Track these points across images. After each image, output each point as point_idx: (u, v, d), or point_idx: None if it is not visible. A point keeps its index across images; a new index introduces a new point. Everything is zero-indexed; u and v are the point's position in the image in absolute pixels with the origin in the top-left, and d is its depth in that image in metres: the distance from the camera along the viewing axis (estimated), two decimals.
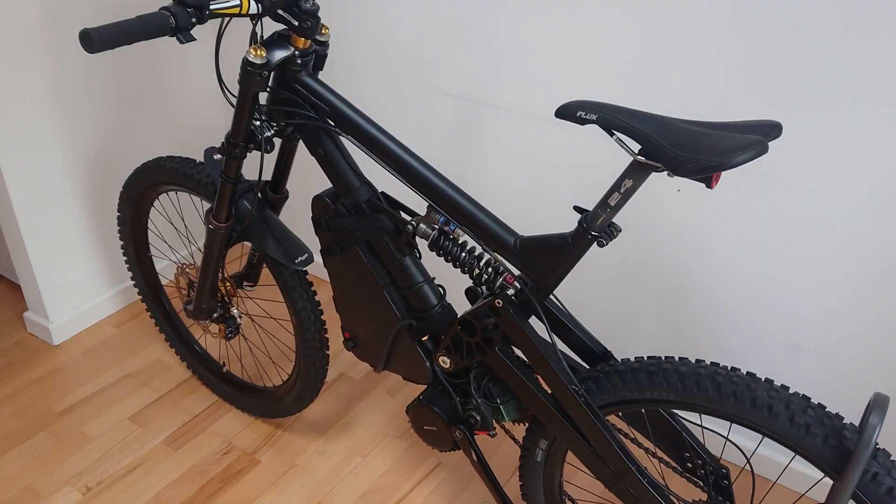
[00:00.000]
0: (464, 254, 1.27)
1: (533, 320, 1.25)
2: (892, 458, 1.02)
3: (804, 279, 1.52)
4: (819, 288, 1.51)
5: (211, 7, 1.12)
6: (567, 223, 1.75)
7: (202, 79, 2.24)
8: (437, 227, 1.27)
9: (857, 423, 1.10)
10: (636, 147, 1.00)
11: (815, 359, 1.59)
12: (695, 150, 0.92)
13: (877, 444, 1.00)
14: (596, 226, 1.10)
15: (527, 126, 1.74)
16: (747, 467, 1.75)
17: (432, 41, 1.79)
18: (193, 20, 1.10)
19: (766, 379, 1.08)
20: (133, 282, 1.97)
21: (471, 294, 1.35)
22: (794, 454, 1.28)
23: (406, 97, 1.91)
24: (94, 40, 0.98)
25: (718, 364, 1.11)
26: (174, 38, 1.09)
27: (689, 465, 1.27)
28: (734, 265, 1.60)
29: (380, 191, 1.36)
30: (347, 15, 1.91)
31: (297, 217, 2.31)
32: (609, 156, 1.64)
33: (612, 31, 1.52)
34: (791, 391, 1.07)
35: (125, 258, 1.93)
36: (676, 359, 1.15)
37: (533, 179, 1.80)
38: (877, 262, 1.43)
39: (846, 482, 0.98)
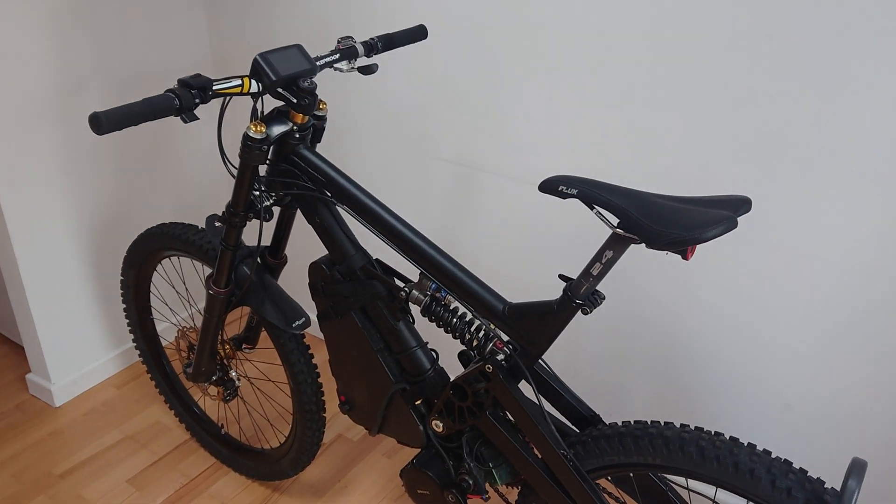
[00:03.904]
0: (455, 319, 1.31)
1: (523, 385, 1.28)
2: None
3: (793, 340, 1.55)
4: (808, 348, 1.54)
5: (214, 88, 1.19)
6: (556, 290, 1.79)
7: (205, 148, 2.32)
8: (429, 293, 1.31)
9: (838, 487, 1.12)
10: (615, 220, 1.05)
11: (804, 419, 1.61)
12: (669, 224, 0.97)
13: None
14: (580, 294, 1.14)
15: (519, 193, 1.79)
16: None
17: (431, 110, 1.86)
18: (197, 101, 1.15)
19: (749, 444, 1.10)
20: (134, 343, 2.00)
21: (464, 357, 1.38)
22: None
23: (404, 163, 1.98)
24: (103, 123, 1.04)
25: (703, 429, 1.14)
26: (178, 117, 1.15)
27: None
28: (723, 328, 1.63)
29: (374, 258, 1.41)
30: (348, 85, 1.99)
31: (295, 281, 2.35)
32: (596, 224, 1.69)
33: (600, 104, 1.58)
34: (773, 455, 1.09)
35: (127, 320, 1.96)
36: (662, 423, 1.17)
37: (524, 245, 1.84)
38: (860, 322, 1.46)
39: None
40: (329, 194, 1.36)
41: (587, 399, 1.90)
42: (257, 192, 1.41)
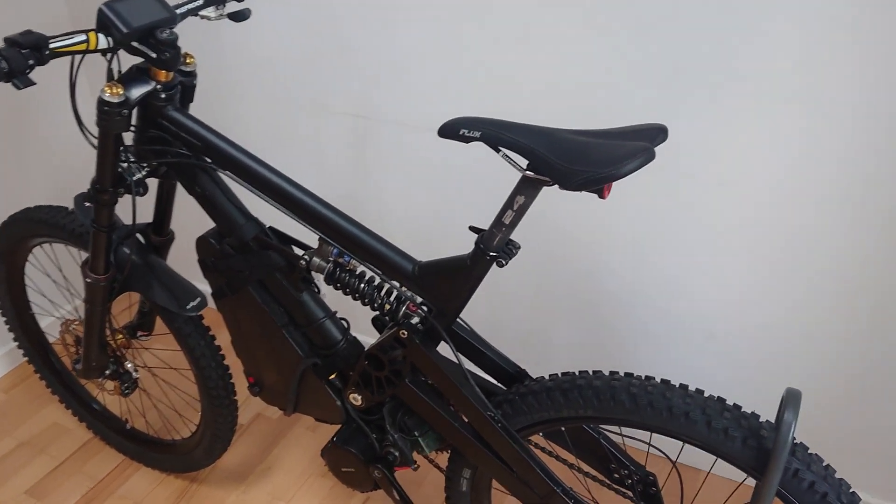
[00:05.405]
0: (363, 285, 1.20)
1: (443, 348, 1.20)
2: (810, 452, 1.01)
3: (713, 269, 1.52)
4: (729, 277, 1.52)
5: (51, 46, 1.02)
6: (469, 243, 1.71)
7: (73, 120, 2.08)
8: (331, 259, 1.20)
9: (772, 419, 1.09)
10: (524, 162, 0.95)
11: (730, 349, 1.60)
12: (582, 162, 0.88)
13: (794, 439, 0.98)
14: (493, 246, 1.05)
15: (422, 141, 1.68)
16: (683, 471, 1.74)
17: (318, 58, 1.70)
18: (31, 62, 0.99)
19: (681, 385, 1.05)
20: (17, 343, 1.81)
21: (378, 323, 1.28)
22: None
23: (294, 120, 1.82)
24: None
25: (633, 375, 1.08)
26: (9, 83, 0.98)
27: (617, 475, 1.24)
28: (643, 264, 1.59)
29: (267, 226, 1.28)
30: (221, 36, 1.80)
31: (188, 258, 2.17)
32: (506, 168, 1.60)
33: (501, 39, 1.47)
34: (706, 395, 1.04)
35: (4, 318, 1.78)
36: (591, 373, 1.12)
37: (432, 198, 1.74)
38: (780, 248, 1.44)
39: (768, 483, 0.96)
40: (209, 160, 1.22)
41: (511, 354, 1.84)
42: (126, 164, 1.25)
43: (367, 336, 1.68)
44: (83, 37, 1.06)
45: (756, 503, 0.99)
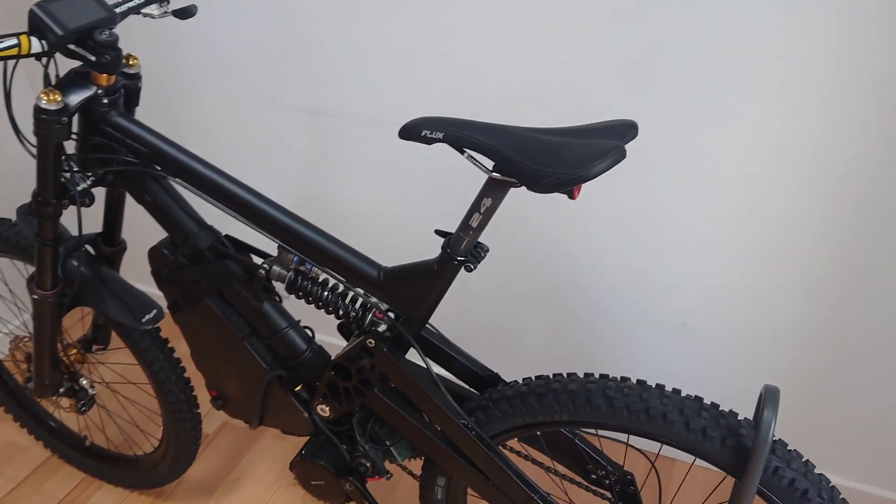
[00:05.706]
0: (326, 293, 1.15)
1: (413, 354, 1.16)
2: (789, 449, 0.99)
3: (685, 260, 1.50)
4: (700, 267, 1.50)
5: None
6: (436, 247, 1.67)
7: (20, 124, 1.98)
8: (292, 267, 1.15)
9: (750, 414, 1.07)
10: (490, 163, 0.91)
11: (703, 339, 1.58)
12: (550, 163, 0.84)
13: (773, 436, 0.96)
14: (460, 250, 1.01)
15: (386, 139, 1.63)
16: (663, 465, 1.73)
17: (273, 53, 1.64)
18: None
19: (658, 385, 1.03)
20: None
21: (344, 329, 1.24)
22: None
23: (250, 119, 1.76)
24: None
25: (608, 376, 1.06)
26: None
27: (594, 476, 1.22)
28: (614, 261, 1.56)
29: (224, 234, 1.22)
30: (168, 34, 1.73)
31: (145, 266, 2.09)
32: (474, 170, 1.56)
33: (466, 32, 1.43)
34: (683, 394, 1.02)
35: None
36: (565, 376, 1.08)
37: (397, 199, 1.69)
38: (753, 238, 1.43)
39: (748, 482, 0.94)
40: (158, 167, 1.15)
41: (483, 357, 1.82)
42: (69, 174, 1.18)
43: (333, 338, 1.63)
44: (14, 41, 0.99)
45: (736, 503, 0.97)
